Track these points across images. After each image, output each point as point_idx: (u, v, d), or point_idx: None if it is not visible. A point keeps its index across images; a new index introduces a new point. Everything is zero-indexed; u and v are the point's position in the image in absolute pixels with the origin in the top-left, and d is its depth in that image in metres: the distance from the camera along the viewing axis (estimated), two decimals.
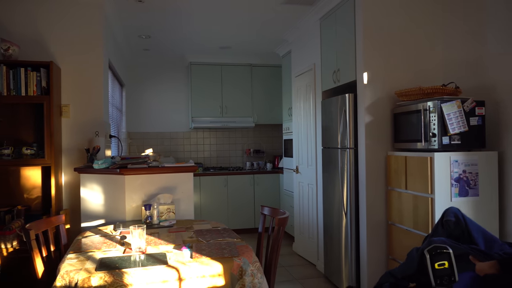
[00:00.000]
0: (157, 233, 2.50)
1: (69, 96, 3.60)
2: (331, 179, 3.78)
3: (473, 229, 2.04)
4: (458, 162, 2.78)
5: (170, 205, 2.85)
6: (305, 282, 3.88)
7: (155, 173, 2.99)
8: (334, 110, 3.69)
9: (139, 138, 6.22)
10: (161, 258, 1.94)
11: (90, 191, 3.10)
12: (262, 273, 2.00)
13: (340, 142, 3.56)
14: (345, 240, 3.51)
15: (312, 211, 4.42)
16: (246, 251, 2.04)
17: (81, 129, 3.60)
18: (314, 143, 4.31)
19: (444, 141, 2.78)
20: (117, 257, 1.98)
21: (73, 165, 3.57)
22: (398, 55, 3.30)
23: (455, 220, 2.08)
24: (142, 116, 6.24)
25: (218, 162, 6.53)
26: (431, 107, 2.80)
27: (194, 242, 2.25)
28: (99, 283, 1.71)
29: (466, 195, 2.80)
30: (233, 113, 6.23)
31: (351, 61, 3.43)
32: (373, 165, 3.28)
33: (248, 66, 6.30)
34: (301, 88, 4.72)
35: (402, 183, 3.06)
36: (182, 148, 6.41)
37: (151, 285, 1.74)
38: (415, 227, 2.92)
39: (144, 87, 6.26)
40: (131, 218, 2.97)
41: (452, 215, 2.07)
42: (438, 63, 3.36)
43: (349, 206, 3.44)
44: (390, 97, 3.27)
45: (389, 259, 3.26)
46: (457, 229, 2.07)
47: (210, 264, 1.86)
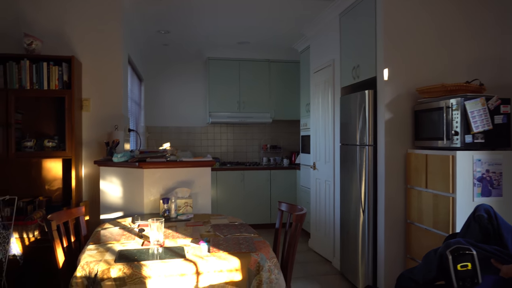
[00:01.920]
0: (174, 227, 2.52)
1: (89, 90, 3.65)
2: (349, 176, 3.75)
3: (504, 228, 1.97)
4: (481, 161, 2.71)
5: (187, 199, 2.87)
6: (320, 279, 3.86)
7: (173, 167, 3.00)
8: (353, 106, 3.64)
9: (157, 132, 6.27)
10: (179, 251, 1.96)
11: (109, 183, 3.14)
12: (279, 269, 1.99)
13: (359, 139, 3.52)
14: (362, 238, 3.47)
15: (329, 208, 4.39)
16: (263, 247, 2.03)
17: (101, 123, 3.65)
18: (332, 140, 4.27)
19: (467, 140, 2.71)
20: (135, 249, 2.01)
21: (93, 158, 3.63)
22: (419, 51, 3.23)
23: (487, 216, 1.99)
24: (160, 111, 6.29)
25: (235, 157, 6.54)
26: (454, 104, 2.74)
27: (212, 236, 2.26)
28: (118, 274, 1.73)
29: (489, 195, 2.74)
30: (250, 108, 6.23)
31: (371, 57, 3.38)
32: (393, 162, 3.23)
33: (266, 62, 6.27)
34: (319, 84, 4.67)
35: (422, 181, 3.00)
36: (199, 142, 6.44)
37: (169, 278, 1.75)
38: (435, 226, 2.86)
39: (162, 82, 6.31)
40: (149, 211, 3.00)
41: (483, 211, 1.98)
42: (460, 60, 3.27)
43: (367, 204, 3.40)
44: (410, 94, 3.21)
45: (407, 258, 3.22)
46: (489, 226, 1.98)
47: (227, 258, 1.86)
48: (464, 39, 3.28)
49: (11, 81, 3.21)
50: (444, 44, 3.26)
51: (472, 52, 3.27)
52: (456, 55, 3.27)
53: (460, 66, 3.26)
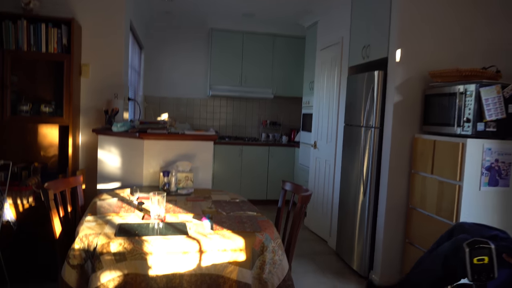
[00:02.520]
0: (174, 201, 2.45)
1: (89, 56, 3.51)
2: (351, 157, 3.68)
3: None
4: (491, 151, 2.65)
5: (188, 173, 2.79)
6: (316, 258, 3.86)
7: (175, 139, 2.91)
8: (361, 87, 3.54)
9: (156, 102, 6.14)
10: (181, 228, 1.89)
11: (108, 153, 3.05)
12: (283, 250, 1.94)
13: (365, 120, 3.44)
14: (361, 220, 3.44)
15: (327, 188, 4.35)
16: (268, 227, 1.98)
17: (100, 90, 3.53)
18: (336, 120, 4.19)
19: (479, 128, 2.64)
20: (136, 223, 1.94)
21: (91, 125, 3.52)
22: (434, 33, 3.11)
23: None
24: (159, 80, 6.13)
25: (234, 131, 6.45)
26: (469, 90, 2.65)
27: (214, 213, 2.19)
28: (118, 249, 1.67)
29: (496, 185, 2.69)
30: (252, 83, 6.10)
31: (384, 37, 3.25)
32: (398, 146, 3.16)
33: (271, 36, 6.10)
34: (326, 62, 4.55)
35: (428, 167, 2.94)
36: (198, 115, 6.33)
37: (171, 255, 1.69)
38: (438, 213, 2.83)
39: (163, 51, 6.12)
40: (148, 184, 2.93)
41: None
42: (476, 44, 3.15)
43: (369, 186, 3.35)
44: (422, 77, 3.11)
45: (405, 243, 3.20)
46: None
47: (231, 238, 1.80)
48: (482, 24, 3.16)
49: (7, 42, 3.06)
50: (461, 28, 3.14)
51: (489, 37, 3.15)
52: (472, 40, 3.15)
53: (476, 51, 3.15)
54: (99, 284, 1.62)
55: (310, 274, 3.45)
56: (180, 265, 1.70)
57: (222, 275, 1.74)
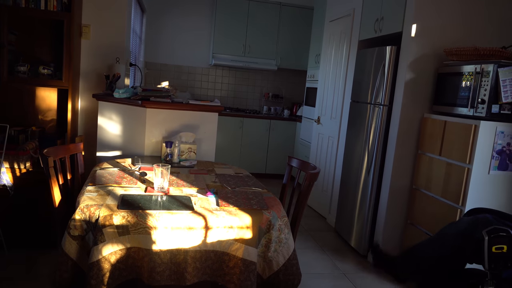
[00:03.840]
0: (177, 173, 2.38)
1: (90, 16, 3.35)
2: (356, 134, 3.61)
3: None
4: (504, 134, 2.58)
5: (192, 145, 2.71)
6: (315, 235, 3.85)
7: (179, 109, 2.81)
8: (370, 62, 3.42)
9: (156, 69, 5.97)
10: (186, 202, 1.83)
11: (108, 120, 2.95)
12: (289, 228, 1.89)
13: (373, 97, 3.34)
14: (362, 198, 3.41)
15: (329, 165, 4.30)
16: (275, 204, 1.92)
17: (101, 53, 3.39)
18: (342, 95, 4.08)
19: (493, 110, 2.55)
20: (139, 195, 1.87)
21: (91, 90, 3.40)
22: (452, 8, 2.96)
23: None
24: (161, 47, 5.94)
25: (235, 103, 6.34)
26: (486, 70, 2.55)
27: (219, 188, 2.13)
28: (121, 222, 1.61)
29: (505, 169, 2.63)
30: (256, 53, 5.93)
31: (399, 10, 3.11)
32: (407, 126, 3.09)
33: (277, 5, 5.88)
34: (334, 34, 4.39)
35: (437, 148, 2.88)
36: (199, 84, 6.18)
37: (175, 230, 1.63)
38: (443, 195, 2.78)
39: (166, 15, 5.90)
40: (150, 154, 2.85)
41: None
42: (495, 22, 3.02)
43: (373, 165, 3.30)
44: (437, 54, 3.00)
45: (407, 224, 3.17)
46: None
47: (238, 215, 1.74)
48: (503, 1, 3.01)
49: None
50: (480, 4, 2.99)
51: (509, 15, 3.02)
52: (491, 17, 3.01)
53: (494, 29, 3.01)
54: (100, 257, 1.57)
55: (308, 250, 3.44)
56: (185, 241, 1.65)
57: (228, 252, 1.69)
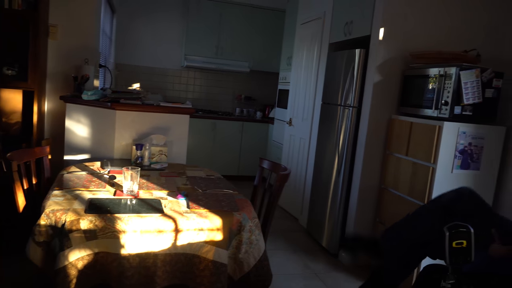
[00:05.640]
0: (147, 176, 2.36)
1: (58, 16, 3.27)
2: (327, 135, 3.67)
3: None
4: (466, 134, 2.69)
5: (162, 147, 2.69)
6: (286, 235, 3.88)
7: (150, 111, 2.79)
8: (340, 65, 3.49)
9: (127, 70, 5.87)
10: (156, 205, 1.81)
11: (76, 123, 2.89)
12: (260, 229, 1.91)
13: (343, 99, 3.41)
14: (333, 198, 3.47)
15: (301, 166, 4.35)
16: (245, 206, 1.93)
17: (69, 54, 3.31)
18: (313, 97, 4.14)
19: (456, 111, 2.65)
20: (108, 199, 1.84)
21: (58, 92, 3.32)
22: (417, 14, 3.06)
23: None
24: (132, 48, 5.85)
25: (207, 105, 6.31)
26: (449, 73, 2.65)
27: (189, 190, 2.12)
28: (88, 226, 1.58)
29: (467, 168, 2.75)
30: (228, 55, 5.93)
31: (368, 14, 3.19)
32: (375, 127, 3.17)
33: (250, 7, 5.91)
34: (305, 37, 4.45)
35: (403, 148, 2.97)
36: (171, 86, 6.13)
37: (145, 234, 1.62)
38: (410, 194, 2.87)
39: (137, 16, 5.81)
40: (119, 156, 2.81)
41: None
42: (458, 28, 3.14)
43: (343, 165, 3.36)
44: (403, 57, 3.09)
45: (376, 222, 3.25)
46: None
47: (209, 217, 1.74)
48: (464, 8, 3.13)
49: None
50: (444, 11, 3.10)
51: (471, 21, 3.14)
52: (454, 23, 3.13)
53: (459, 34, 3.12)
54: (67, 263, 1.53)
55: (280, 251, 3.47)
56: (155, 244, 1.63)
57: (198, 255, 1.69)
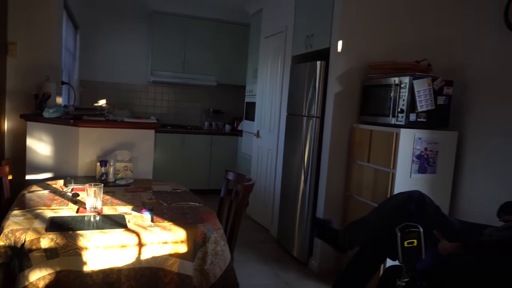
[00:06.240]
0: (112, 192, 2.35)
1: (17, 33, 3.22)
2: (293, 146, 3.75)
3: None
4: (422, 140, 2.82)
5: (127, 163, 2.68)
6: (257, 246, 3.91)
7: (114, 127, 2.78)
8: (303, 76, 3.60)
9: (92, 87, 5.80)
10: (120, 220, 1.81)
11: (38, 141, 2.84)
12: (225, 240, 1.94)
13: (307, 110, 3.50)
14: (301, 208, 3.53)
15: (269, 177, 4.41)
16: (210, 218, 1.96)
17: (30, 72, 3.27)
18: (279, 109, 4.23)
19: (411, 118, 2.79)
20: (70, 216, 1.83)
21: (18, 110, 3.25)
22: (374, 26, 3.21)
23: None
24: (97, 64, 5.80)
25: (176, 119, 6.31)
26: (403, 82, 2.78)
27: (154, 204, 2.13)
28: (49, 245, 1.56)
29: (424, 172, 2.87)
30: (195, 69, 5.97)
31: (327, 27, 3.31)
32: (338, 136, 3.27)
33: (215, 22, 5.99)
34: (269, 50, 4.56)
35: (365, 156, 3.07)
36: (138, 101, 6.09)
37: (108, 250, 1.62)
38: (373, 200, 2.97)
39: (101, 32, 5.77)
40: (84, 174, 2.78)
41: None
42: (413, 39, 3.29)
43: (309, 175, 3.44)
44: (362, 68, 3.22)
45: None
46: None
47: (173, 229, 1.76)
48: (417, 19, 3.29)
49: None
50: (398, 23, 3.26)
51: (422, 33, 3.31)
52: (407, 34, 3.29)
53: (411, 45, 3.28)
54: (27, 283, 1.51)
55: (251, 262, 3.49)
56: (118, 260, 1.63)
57: (163, 268, 1.70)
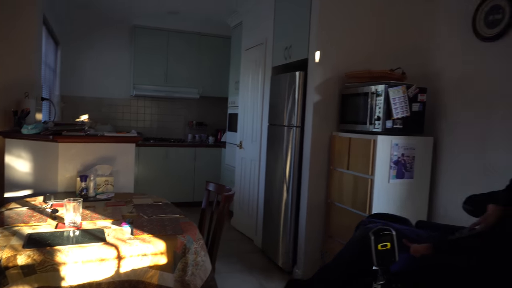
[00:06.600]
0: (93, 207, 2.34)
1: None
2: (275, 156, 3.79)
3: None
4: (398, 146, 2.89)
5: (108, 177, 2.68)
6: (242, 257, 3.91)
7: (93, 142, 2.78)
8: (283, 87, 3.66)
9: (74, 102, 5.77)
10: (99, 234, 1.82)
11: (17, 158, 2.82)
12: (205, 250, 1.95)
13: (287, 120, 3.56)
14: (284, 217, 3.56)
15: (253, 187, 4.43)
16: (190, 229, 1.97)
17: (8, 89, 3.25)
18: (260, 119, 4.28)
19: (388, 125, 2.86)
20: (48, 232, 1.82)
21: None
22: (351, 36, 3.29)
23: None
24: (78, 79, 5.78)
25: (159, 133, 6.30)
26: (379, 90, 2.86)
27: (135, 217, 2.13)
28: (26, 261, 1.56)
29: (402, 177, 2.94)
30: (177, 82, 6.00)
31: (305, 38, 3.39)
32: (318, 144, 3.32)
33: (197, 35, 6.05)
34: (250, 62, 4.62)
35: (345, 163, 3.13)
36: (121, 116, 6.08)
37: (87, 264, 1.62)
38: (353, 206, 3.01)
39: (82, 47, 5.77)
40: (64, 190, 2.76)
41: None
42: (388, 48, 3.37)
43: (291, 184, 3.47)
44: (339, 78, 3.29)
45: (326, 237, 3.36)
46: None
47: (152, 241, 1.77)
48: (392, 30, 3.38)
49: None
50: (374, 33, 3.34)
51: (397, 41, 3.39)
52: (382, 44, 3.37)
53: (387, 54, 3.36)
54: None
55: (236, 273, 3.49)
56: (97, 274, 1.63)
57: (143, 280, 1.70)
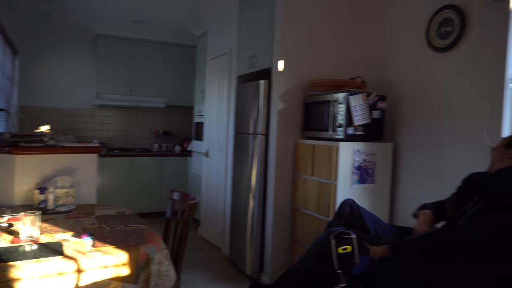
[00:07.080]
0: (52, 220, 2.27)
1: None
2: (241, 164, 3.80)
3: (365, 217, 2.23)
4: (360, 152, 2.98)
5: (69, 189, 2.61)
6: (210, 266, 3.88)
7: (53, 153, 2.70)
8: (248, 96, 3.69)
9: (34, 112, 5.58)
10: (57, 248, 1.76)
11: None
12: (169, 260, 1.93)
13: (253, 128, 3.59)
14: (251, 224, 3.57)
15: (219, 196, 4.42)
16: (153, 238, 1.95)
17: None
18: (226, 128, 4.29)
19: (349, 132, 2.94)
20: (3, 248, 1.75)
21: None
22: (313, 46, 3.37)
23: (350, 211, 2.25)
24: (38, 89, 5.60)
25: (124, 142, 6.18)
26: (340, 98, 2.94)
27: (97, 229, 2.09)
28: None
29: (364, 182, 3.03)
30: (143, 92, 5.92)
31: (268, 48, 3.44)
32: (283, 151, 3.36)
33: (162, 44, 6.01)
34: (216, 71, 4.64)
35: (309, 170, 3.18)
36: (84, 126, 5.93)
37: (44, 279, 1.56)
38: (318, 212, 3.07)
39: (42, 56, 5.61)
40: (22, 203, 2.67)
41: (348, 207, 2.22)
42: (348, 57, 3.48)
43: (257, 191, 3.49)
44: (303, 86, 3.36)
45: (292, 242, 3.40)
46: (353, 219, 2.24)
47: (113, 253, 1.73)
48: (352, 38, 3.49)
49: None
50: (335, 42, 3.44)
51: (358, 50, 3.51)
52: (344, 52, 3.47)
53: (348, 63, 3.46)
54: None
55: (203, 283, 3.46)
56: None
57: None
